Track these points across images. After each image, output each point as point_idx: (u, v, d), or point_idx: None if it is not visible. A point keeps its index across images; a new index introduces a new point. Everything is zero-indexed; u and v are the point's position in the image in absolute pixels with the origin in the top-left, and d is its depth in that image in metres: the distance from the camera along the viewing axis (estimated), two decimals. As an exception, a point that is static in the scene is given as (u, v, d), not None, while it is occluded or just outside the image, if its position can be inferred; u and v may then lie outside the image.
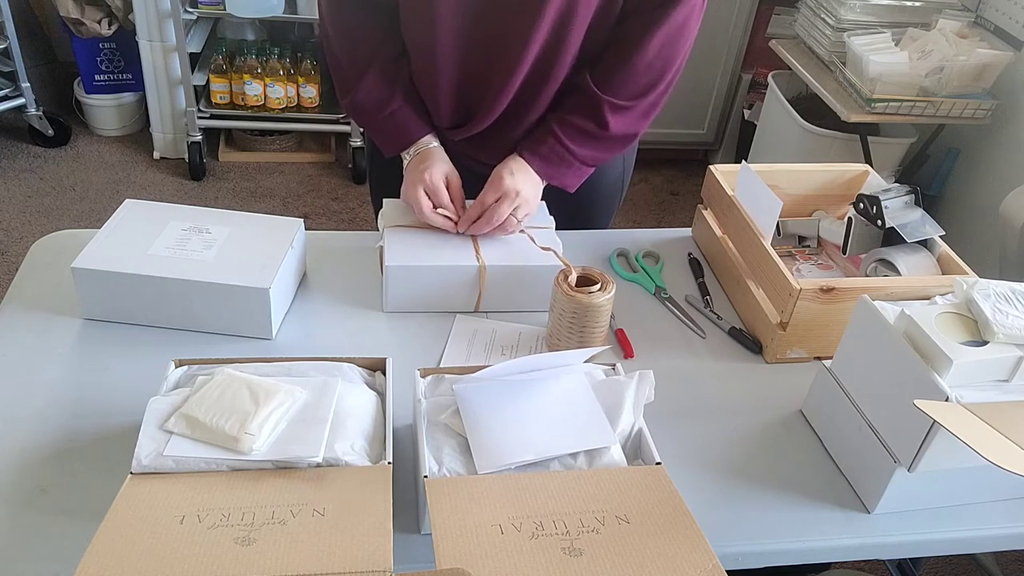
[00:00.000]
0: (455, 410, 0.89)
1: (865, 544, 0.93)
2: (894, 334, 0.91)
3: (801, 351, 1.14)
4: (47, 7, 3.19)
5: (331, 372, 0.92)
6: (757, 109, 2.95)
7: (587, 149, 1.21)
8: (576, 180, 1.25)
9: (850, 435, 0.97)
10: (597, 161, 1.24)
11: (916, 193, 1.21)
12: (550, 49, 1.14)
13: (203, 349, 1.07)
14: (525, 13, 1.10)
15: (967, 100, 2.29)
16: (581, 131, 1.20)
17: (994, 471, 0.75)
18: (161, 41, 2.84)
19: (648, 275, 1.28)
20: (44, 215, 2.76)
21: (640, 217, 3.08)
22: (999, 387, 0.87)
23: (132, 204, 1.19)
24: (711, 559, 0.73)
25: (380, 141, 1.27)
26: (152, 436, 0.82)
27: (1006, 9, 2.41)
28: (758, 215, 1.21)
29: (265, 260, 1.10)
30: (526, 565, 0.71)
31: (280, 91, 2.90)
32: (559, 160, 1.21)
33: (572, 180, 1.24)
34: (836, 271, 1.30)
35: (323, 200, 2.99)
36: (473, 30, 1.14)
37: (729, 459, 0.99)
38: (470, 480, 0.81)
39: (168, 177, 3.02)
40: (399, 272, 1.14)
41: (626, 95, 1.18)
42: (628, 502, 0.78)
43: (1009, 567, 1.85)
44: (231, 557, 0.70)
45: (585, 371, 0.95)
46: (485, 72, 1.18)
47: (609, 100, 1.17)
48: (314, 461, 0.81)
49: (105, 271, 1.06)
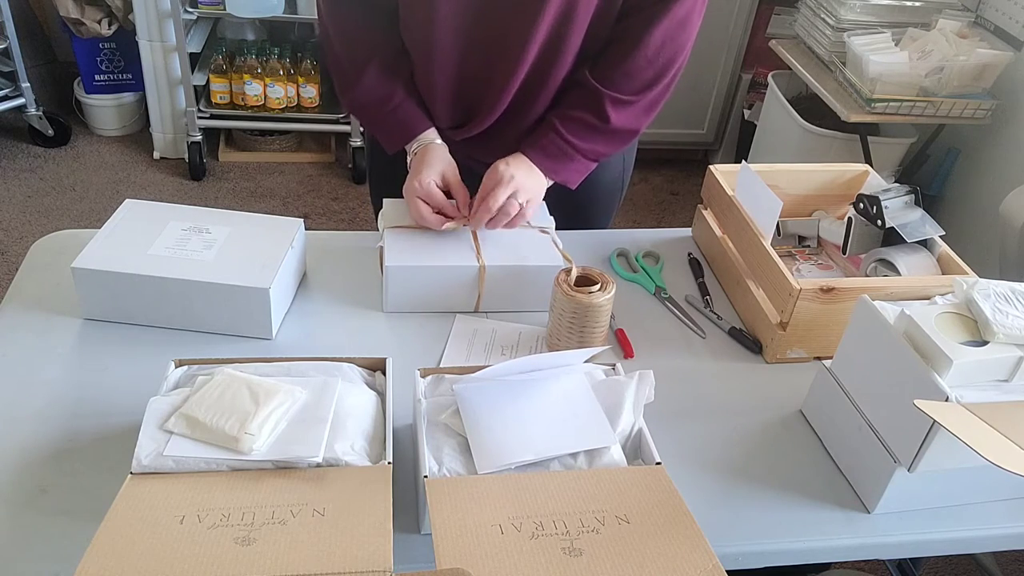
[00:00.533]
0: (455, 410, 0.89)
1: (865, 544, 0.93)
2: (894, 334, 0.91)
3: (801, 351, 1.14)
4: (47, 7, 3.19)
5: (331, 372, 0.92)
6: (757, 109, 2.96)
7: (588, 142, 1.21)
8: (578, 175, 1.25)
9: (850, 435, 0.97)
10: (599, 155, 1.24)
11: (916, 193, 1.21)
12: (550, 49, 1.14)
13: (203, 349, 1.07)
14: (525, 13, 1.09)
15: (967, 100, 2.29)
16: (582, 124, 1.19)
17: (994, 471, 0.75)
18: (161, 41, 2.84)
19: (648, 275, 1.28)
20: (44, 215, 2.76)
21: (640, 217, 3.08)
22: (999, 387, 0.87)
23: (132, 204, 1.19)
24: (711, 559, 0.73)
25: (382, 137, 1.27)
26: (152, 436, 0.82)
27: (1006, 9, 2.41)
28: (758, 215, 1.21)
29: (265, 260, 1.10)
30: (526, 565, 0.71)
31: (280, 91, 2.90)
32: (560, 153, 1.21)
33: (574, 175, 1.24)
34: (836, 271, 1.30)
35: (323, 200, 2.99)
36: (473, 30, 1.14)
37: (729, 459, 0.99)
38: (470, 480, 0.81)
39: (168, 177, 3.02)
40: (399, 272, 1.14)
41: (628, 90, 1.18)
42: (628, 502, 0.78)
43: (1009, 567, 1.85)
44: (231, 557, 0.70)
45: (585, 371, 0.95)
46: (485, 72, 1.18)
47: (610, 94, 1.17)
48: (314, 461, 0.81)
49: (105, 271, 1.06)
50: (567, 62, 1.17)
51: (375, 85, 1.21)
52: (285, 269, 1.11)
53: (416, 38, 1.19)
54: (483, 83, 1.19)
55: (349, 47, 1.21)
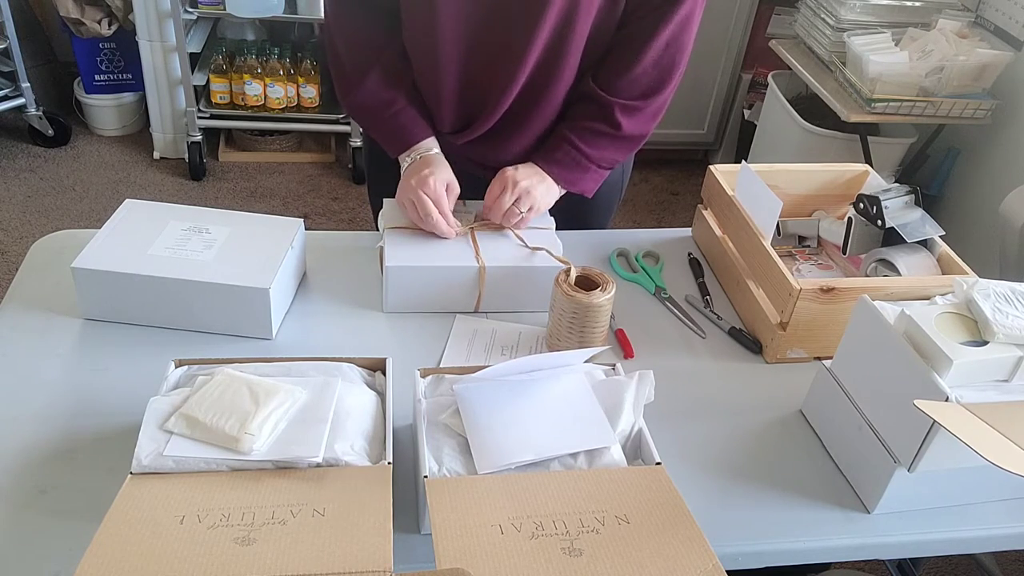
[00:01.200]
0: (455, 410, 0.89)
1: (865, 544, 0.93)
2: (894, 334, 0.91)
3: (801, 351, 1.14)
4: (47, 7, 3.19)
5: (331, 372, 0.92)
6: (757, 109, 2.95)
7: (601, 150, 1.22)
8: (594, 184, 1.26)
9: (850, 435, 0.97)
10: (612, 163, 1.25)
11: (916, 193, 1.21)
12: (552, 54, 1.15)
13: (203, 349, 1.07)
14: (527, 18, 1.10)
15: (967, 100, 2.29)
16: (594, 133, 1.20)
17: (994, 471, 0.75)
18: (161, 41, 2.84)
19: (648, 275, 1.28)
20: (44, 215, 2.76)
21: (640, 217, 3.08)
22: (999, 387, 0.87)
23: (132, 204, 1.19)
24: (711, 559, 0.73)
25: (382, 142, 1.27)
26: (152, 436, 0.82)
27: (1006, 9, 2.41)
28: (758, 215, 1.21)
29: (265, 260, 1.10)
30: (526, 565, 0.71)
31: (280, 91, 2.90)
32: (575, 164, 1.22)
33: (590, 184, 1.25)
34: (836, 271, 1.30)
35: (323, 200, 2.99)
36: (475, 35, 1.14)
37: (729, 459, 0.99)
38: (470, 480, 0.81)
39: (168, 177, 3.02)
40: (399, 272, 1.14)
41: (635, 95, 1.18)
42: (628, 502, 0.78)
43: (1009, 567, 1.85)
44: (231, 557, 0.70)
45: (585, 371, 0.95)
46: (487, 75, 1.18)
47: (619, 102, 1.18)
48: (314, 461, 0.81)
49: (105, 271, 1.06)
50: (570, 67, 1.17)
51: (377, 89, 1.21)
52: (285, 269, 1.11)
53: (419, 42, 1.19)
54: (485, 87, 1.19)
55: (352, 51, 1.21)
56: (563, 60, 1.15)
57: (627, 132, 1.20)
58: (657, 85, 1.19)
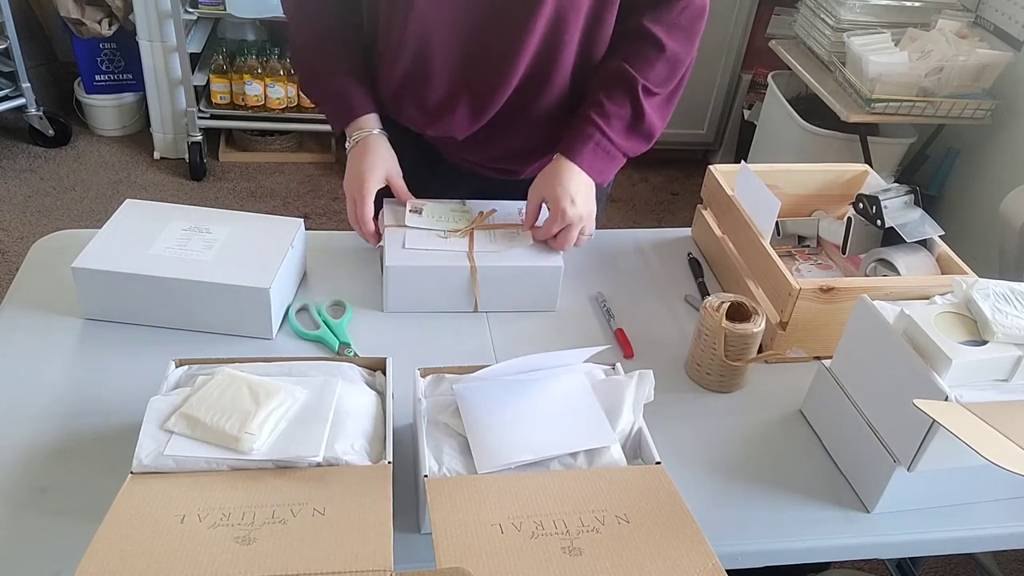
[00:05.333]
0: (455, 410, 0.89)
1: (865, 544, 0.93)
2: (894, 334, 0.91)
3: (801, 351, 1.14)
4: (47, 7, 3.19)
5: (331, 372, 0.92)
6: (757, 109, 2.96)
7: (629, 141, 1.19)
8: (612, 173, 1.24)
9: (850, 435, 0.97)
10: (634, 153, 1.22)
11: (916, 193, 1.21)
12: (545, 54, 1.14)
13: (203, 349, 1.07)
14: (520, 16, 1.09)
15: (967, 100, 2.29)
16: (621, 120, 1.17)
17: (994, 471, 0.75)
18: (161, 41, 2.84)
19: (331, 330, 1.12)
20: (44, 215, 2.76)
21: (640, 217, 3.08)
22: (999, 387, 0.87)
23: (132, 204, 1.19)
24: (711, 559, 0.73)
25: (326, 114, 1.24)
26: (152, 436, 0.82)
27: (1006, 9, 2.41)
28: (757, 215, 1.21)
29: (265, 260, 1.10)
30: (526, 565, 0.71)
31: (280, 91, 2.90)
32: (606, 156, 1.19)
33: (610, 175, 1.23)
34: (836, 271, 1.30)
35: (323, 200, 2.99)
36: (469, 34, 1.13)
37: (729, 459, 0.99)
38: (470, 480, 0.81)
39: (168, 177, 3.02)
40: (399, 272, 1.14)
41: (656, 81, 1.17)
42: (628, 502, 0.78)
43: (1009, 567, 1.85)
44: (231, 556, 0.70)
45: (585, 371, 0.95)
46: (482, 73, 1.17)
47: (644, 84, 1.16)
48: (314, 461, 0.81)
49: (105, 271, 1.06)
50: (565, 64, 1.16)
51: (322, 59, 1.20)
52: (285, 269, 1.11)
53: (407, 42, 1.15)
54: (479, 85, 1.18)
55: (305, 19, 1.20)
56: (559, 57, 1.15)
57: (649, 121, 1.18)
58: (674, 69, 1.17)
